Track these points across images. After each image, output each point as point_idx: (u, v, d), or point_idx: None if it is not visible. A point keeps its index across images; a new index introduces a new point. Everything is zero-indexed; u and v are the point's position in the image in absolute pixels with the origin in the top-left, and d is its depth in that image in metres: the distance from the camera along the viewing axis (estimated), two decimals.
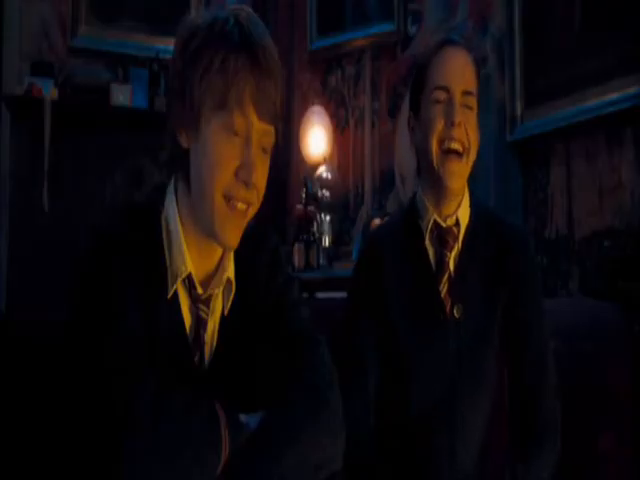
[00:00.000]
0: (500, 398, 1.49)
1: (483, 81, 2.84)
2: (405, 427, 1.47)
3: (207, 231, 1.14)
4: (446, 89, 1.45)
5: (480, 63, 1.59)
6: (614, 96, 2.23)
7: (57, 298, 1.31)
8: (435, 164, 1.45)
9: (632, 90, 2.17)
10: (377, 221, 2.92)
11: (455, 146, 1.44)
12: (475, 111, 1.48)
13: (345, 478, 1.26)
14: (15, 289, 3.17)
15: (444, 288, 1.47)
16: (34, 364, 1.53)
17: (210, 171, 1.10)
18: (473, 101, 1.47)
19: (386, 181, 3.39)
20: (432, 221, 1.48)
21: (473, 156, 1.47)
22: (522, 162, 2.66)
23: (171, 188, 1.18)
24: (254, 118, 1.10)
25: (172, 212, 1.16)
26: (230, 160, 1.10)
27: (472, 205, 1.51)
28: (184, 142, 1.13)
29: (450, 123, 1.43)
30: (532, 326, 1.48)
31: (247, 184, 1.10)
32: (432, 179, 1.47)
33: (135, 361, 1.07)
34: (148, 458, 1.01)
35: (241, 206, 1.12)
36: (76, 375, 1.09)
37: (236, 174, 1.10)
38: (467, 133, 1.45)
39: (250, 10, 1.16)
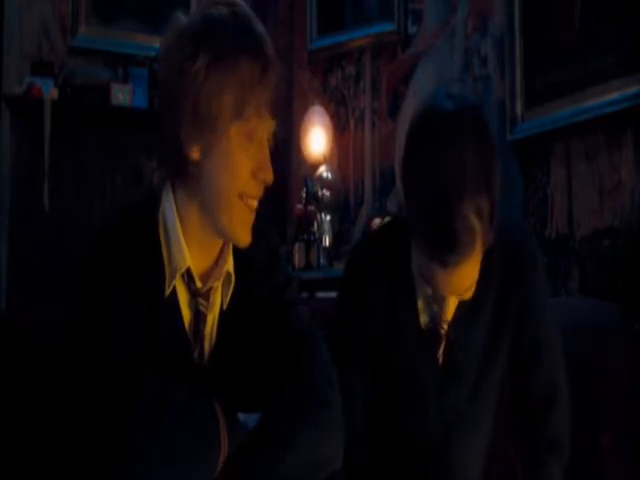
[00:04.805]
0: (500, 433, 1.45)
1: (483, 81, 2.86)
2: (396, 441, 1.41)
3: (220, 232, 1.15)
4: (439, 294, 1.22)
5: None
6: (614, 96, 2.23)
7: (57, 298, 1.31)
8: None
9: (632, 90, 2.17)
10: (377, 221, 2.92)
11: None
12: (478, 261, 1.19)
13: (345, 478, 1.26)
14: (15, 289, 3.17)
15: (441, 357, 1.32)
16: (34, 364, 1.52)
17: (227, 178, 1.11)
18: (473, 285, 1.21)
19: (386, 181, 3.39)
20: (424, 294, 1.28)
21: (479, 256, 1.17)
22: (522, 162, 2.66)
23: (168, 185, 1.17)
24: (267, 118, 1.11)
25: (169, 208, 1.16)
26: (247, 164, 1.11)
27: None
28: (195, 155, 1.10)
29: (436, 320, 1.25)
30: (540, 361, 1.35)
31: (266, 183, 1.12)
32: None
33: (134, 360, 1.07)
34: (147, 457, 1.00)
35: (254, 203, 1.14)
36: (76, 375, 1.09)
37: (253, 174, 1.11)
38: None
39: (243, 4, 1.14)
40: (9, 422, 1.50)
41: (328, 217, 3.44)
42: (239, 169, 1.10)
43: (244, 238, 1.14)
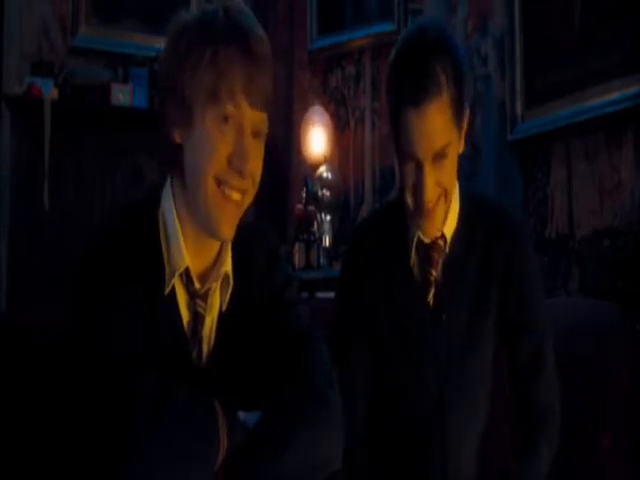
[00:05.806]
0: (500, 402, 1.48)
1: (483, 81, 2.86)
2: (396, 440, 1.46)
3: (202, 223, 1.13)
4: (415, 158, 1.34)
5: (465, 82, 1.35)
6: (614, 96, 2.23)
7: (57, 298, 1.31)
8: (411, 218, 1.42)
9: (632, 90, 2.17)
10: None
11: (427, 232, 1.41)
12: (451, 156, 1.36)
13: (345, 478, 1.26)
14: (15, 289, 3.17)
15: (431, 301, 1.44)
16: (34, 364, 1.53)
17: (202, 160, 1.10)
18: (447, 150, 1.34)
19: (386, 181, 3.39)
20: (416, 237, 1.44)
21: (450, 196, 1.39)
22: (522, 162, 2.66)
23: (168, 184, 1.18)
24: (246, 107, 1.10)
25: (169, 207, 1.16)
26: (222, 147, 1.09)
27: (461, 207, 1.45)
28: (178, 139, 1.13)
29: (420, 205, 1.36)
30: (527, 318, 1.45)
31: (242, 172, 1.10)
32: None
33: (134, 360, 1.07)
34: (147, 457, 1.00)
35: (236, 196, 1.11)
36: (76, 375, 1.10)
37: (230, 162, 1.09)
38: (444, 193, 1.37)
39: (239, 1, 1.16)
40: (9, 422, 1.50)
41: (328, 217, 3.44)
42: (212, 149, 1.09)
43: (225, 232, 1.12)
